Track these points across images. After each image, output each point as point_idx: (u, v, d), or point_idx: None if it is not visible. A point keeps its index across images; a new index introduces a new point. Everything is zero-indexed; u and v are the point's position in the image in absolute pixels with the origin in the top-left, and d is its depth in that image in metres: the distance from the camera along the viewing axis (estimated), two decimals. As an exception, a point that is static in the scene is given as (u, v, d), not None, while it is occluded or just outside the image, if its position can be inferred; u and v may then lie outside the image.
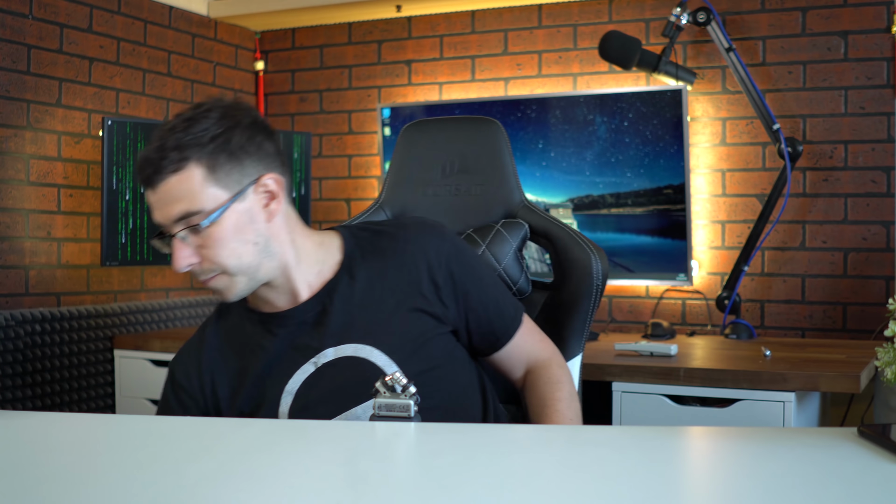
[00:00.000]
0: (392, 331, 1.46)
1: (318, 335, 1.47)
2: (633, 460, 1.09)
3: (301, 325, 1.48)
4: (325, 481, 1.00)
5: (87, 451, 1.17)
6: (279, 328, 1.49)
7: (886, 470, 0.99)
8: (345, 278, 1.50)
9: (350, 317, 1.47)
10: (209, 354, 1.53)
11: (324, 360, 1.46)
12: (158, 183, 1.41)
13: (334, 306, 1.48)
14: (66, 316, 2.82)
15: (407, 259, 1.51)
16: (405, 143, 1.84)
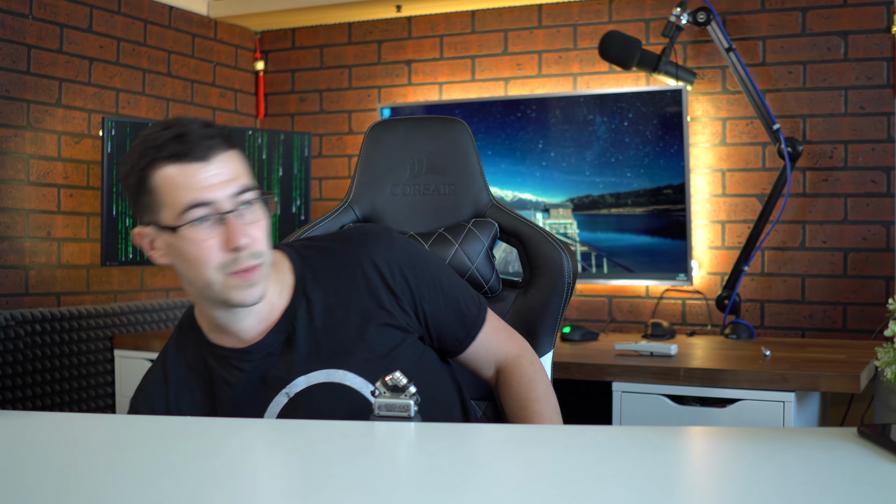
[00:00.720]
0: (361, 350, 1.44)
1: (286, 364, 1.43)
2: (633, 460, 1.09)
3: (267, 357, 1.44)
4: (325, 481, 1.00)
5: (87, 451, 1.17)
6: (245, 363, 1.44)
7: (886, 470, 0.99)
8: (303, 303, 1.46)
9: (315, 342, 1.44)
10: (175, 388, 1.48)
11: (296, 390, 1.42)
12: (215, 155, 1.36)
13: (298, 333, 1.44)
14: (66, 316, 2.82)
15: (359, 274, 1.47)
16: (371, 143, 1.86)
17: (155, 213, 1.38)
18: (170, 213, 1.36)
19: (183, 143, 1.35)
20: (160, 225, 1.38)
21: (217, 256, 1.36)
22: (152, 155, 1.36)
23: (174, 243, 1.38)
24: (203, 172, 1.35)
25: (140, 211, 1.41)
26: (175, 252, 1.39)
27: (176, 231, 1.36)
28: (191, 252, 1.36)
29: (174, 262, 1.41)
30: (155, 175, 1.36)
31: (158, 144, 1.36)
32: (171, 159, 1.35)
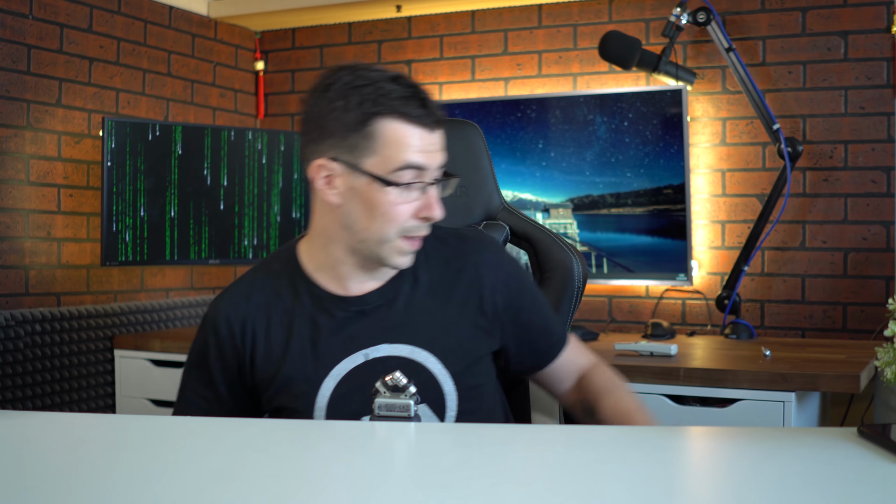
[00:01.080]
0: (452, 342, 1.47)
1: (376, 327, 1.46)
2: (633, 460, 1.09)
3: (360, 314, 1.47)
4: (325, 481, 1.00)
5: (87, 451, 1.17)
6: (338, 311, 1.47)
7: (886, 470, 0.99)
8: (410, 279, 1.49)
9: (411, 319, 1.47)
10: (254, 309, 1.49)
11: (375, 354, 1.45)
12: (437, 127, 1.41)
13: (397, 304, 1.48)
14: (66, 316, 2.82)
15: (469, 274, 1.51)
16: None
17: (361, 156, 1.39)
18: (381, 163, 1.38)
19: (424, 106, 1.39)
20: (361, 169, 1.38)
21: (405, 220, 1.40)
22: (387, 104, 1.37)
23: (367, 192, 1.39)
24: (428, 139, 1.39)
25: (334, 146, 1.40)
26: (360, 198, 1.40)
27: (385, 185, 1.37)
28: (383, 206, 1.39)
29: (349, 206, 1.41)
30: (382, 123, 1.37)
31: (397, 97, 1.38)
32: (405, 117, 1.38)
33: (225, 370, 1.50)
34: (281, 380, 1.46)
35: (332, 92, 1.40)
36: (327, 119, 1.40)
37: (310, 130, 1.43)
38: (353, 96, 1.38)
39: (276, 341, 1.47)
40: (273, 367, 1.46)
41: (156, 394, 2.89)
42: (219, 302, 1.52)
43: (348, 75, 1.40)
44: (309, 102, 1.44)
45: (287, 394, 1.45)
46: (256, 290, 1.51)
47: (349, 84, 1.39)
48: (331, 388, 1.44)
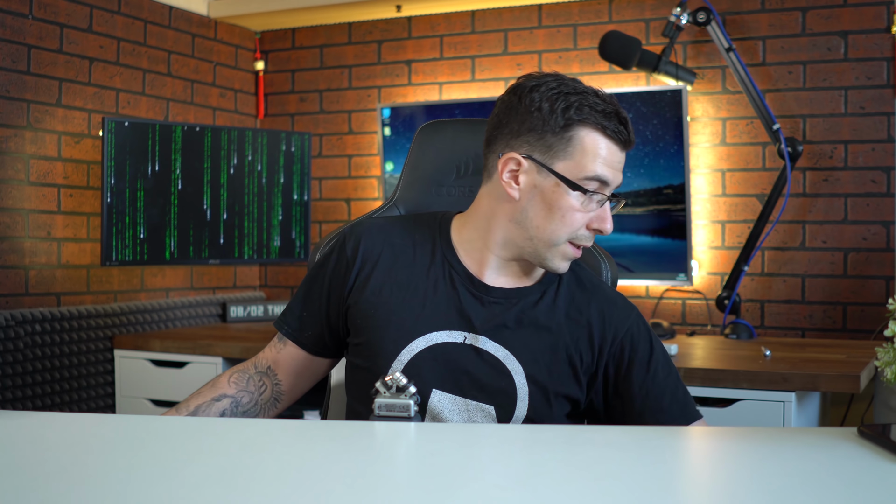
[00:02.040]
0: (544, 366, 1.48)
1: (487, 321, 1.49)
2: (633, 460, 1.09)
3: (480, 300, 1.50)
4: (325, 481, 1.00)
5: (87, 451, 1.17)
6: (463, 286, 1.51)
7: (886, 470, 0.99)
8: (536, 294, 1.52)
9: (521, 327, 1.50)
10: (386, 247, 1.54)
11: (473, 342, 1.48)
12: (627, 150, 1.48)
13: (515, 309, 1.50)
14: (66, 316, 2.82)
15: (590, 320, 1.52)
16: (421, 143, 1.84)
17: (555, 157, 1.44)
18: (573, 168, 1.43)
19: (625, 127, 1.45)
20: (552, 169, 1.43)
21: (579, 227, 1.46)
22: (591, 115, 1.43)
23: (552, 193, 1.44)
24: (617, 158, 1.47)
25: (530, 143, 1.45)
26: (542, 198, 1.45)
27: (573, 189, 1.43)
28: (563, 209, 1.44)
29: (528, 203, 1.46)
30: (583, 131, 1.43)
31: (602, 111, 1.43)
32: (607, 132, 1.44)
33: (333, 287, 1.55)
34: (380, 317, 1.50)
35: (538, 93, 1.45)
36: (530, 117, 1.45)
37: (507, 123, 1.48)
38: (559, 101, 1.43)
39: (393, 281, 1.52)
40: (378, 302, 1.50)
41: (156, 394, 2.89)
42: (357, 226, 1.58)
43: (555, 81, 1.46)
44: (510, 99, 1.49)
45: (378, 333, 1.49)
46: (397, 231, 1.57)
47: (556, 90, 1.45)
48: (419, 347, 1.47)
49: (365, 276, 1.52)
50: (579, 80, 1.48)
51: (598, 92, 1.46)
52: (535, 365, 1.48)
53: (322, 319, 1.57)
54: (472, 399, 1.46)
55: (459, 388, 1.46)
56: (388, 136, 3.20)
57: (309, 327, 1.58)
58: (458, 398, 1.46)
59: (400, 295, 1.50)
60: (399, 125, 3.18)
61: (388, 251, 1.54)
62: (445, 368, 1.46)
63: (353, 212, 3.47)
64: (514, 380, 1.47)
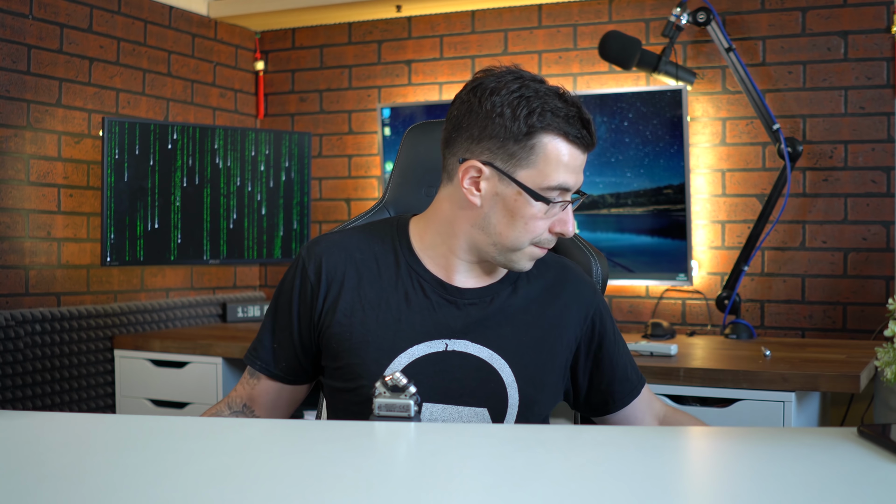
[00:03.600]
0: (529, 359, 1.49)
1: (464, 323, 1.48)
2: (633, 460, 1.09)
3: (453, 304, 1.49)
4: (325, 481, 1.00)
5: (87, 451, 1.17)
6: (434, 293, 1.49)
7: (886, 470, 0.99)
8: (509, 289, 1.52)
9: (499, 325, 1.49)
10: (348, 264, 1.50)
11: (455, 348, 1.47)
12: (590, 149, 1.44)
13: (490, 308, 1.50)
14: (66, 316, 2.82)
15: (564, 302, 1.54)
16: (410, 144, 1.84)
17: (517, 166, 1.40)
18: (535, 177, 1.40)
19: (587, 131, 1.41)
20: (514, 178, 1.40)
21: (541, 232, 1.43)
22: (554, 122, 1.39)
23: (514, 201, 1.41)
24: (579, 162, 1.43)
25: (491, 150, 1.41)
26: (504, 206, 1.42)
27: (536, 199, 1.40)
28: (525, 218, 1.41)
29: (490, 209, 1.43)
30: (547, 140, 1.39)
31: (564, 116, 1.39)
32: (570, 138, 1.40)
33: (301, 314, 1.51)
34: (357, 339, 1.47)
35: (499, 97, 1.40)
36: (490, 123, 1.41)
37: (467, 127, 1.43)
38: (521, 107, 1.39)
39: (363, 300, 1.48)
40: (352, 324, 1.47)
41: (156, 394, 2.89)
42: (314, 245, 1.53)
43: (515, 83, 1.41)
44: (469, 99, 1.44)
45: (358, 355, 1.46)
46: (356, 245, 1.53)
47: (518, 93, 1.40)
48: (403, 364, 1.45)
49: (333, 298, 1.48)
50: (540, 79, 1.43)
51: (560, 93, 1.42)
52: (521, 358, 1.48)
53: (295, 348, 1.53)
54: (465, 405, 1.45)
55: (450, 396, 1.45)
56: (388, 136, 3.20)
57: (282, 359, 1.54)
58: (451, 407, 1.45)
59: (373, 314, 1.47)
60: (399, 125, 3.18)
61: (352, 268, 1.50)
62: (433, 380, 1.44)
63: (354, 212, 3.47)
64: (502, 377, 1.46)
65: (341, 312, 1.48)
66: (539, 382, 1.49)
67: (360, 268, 1.50)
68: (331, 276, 1.49)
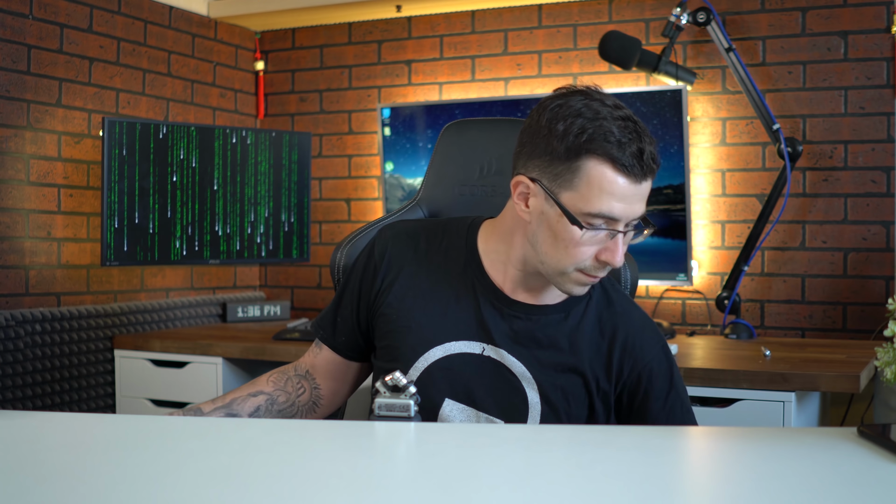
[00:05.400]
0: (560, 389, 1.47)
1: (505, 334, 1.48)
2: (633, 460, 1.09)
3: (500, 312, 1.48)
4: (325, 481, 1.00)
5: (87, 451, 1.17)
6: (485, 297, 1.49)
7: (886, 470, 0.99)
8: (561, 314, 1.50)
9: (540, 347, 1.48)
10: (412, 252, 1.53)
11: (491, 354, 1.47)
12: (646, 179, 1.37)
13: (536, 326, 1.48)
14: (66, 316, 2.82)
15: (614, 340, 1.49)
16: (445, 143, 1.83)
17: (560, 186, 1.37)
18: (577, 201, 1.36)
19: (638, 160, 1.35)
20: (557, 200, 1.37)
21: (584, 259, 1.39)
22: (603, 147, 1.34)
23: (557, 223, 1.38)
24: (630, 192, 1.36)
25: (539, 167, 1.40)
26: (548, 225, 1.40)
27: (572, 222, 1.36)
28: (566, 241, 1.38)
29: (538, 227, 1.42)
30: (592, 162, 1.35)
31: (616, 142, 1.34)
32: (615, 163, 1.34)
33: (363, 291, 1.55)
34: (401, 323, 1.50)
35: (557, 115, 1.39)
36: (542, 139, 1.39)
37: (527, 142, 1.43)
38: (573, 126, 1.36)
39: (416, 288, 1.51)
40: (400, 308, 1.50)
41: (156, 394, 2.89)
42: (388, 229, 1.58)
43: (580, 102, 1.38)
44: (533, 115, 1.44)
45: (398, 338, 1.50)
46: (423, 237, 1.55)
47: (574, 112, 1.37)
48: (436, 356, 1.47)
49: (391, 281, 1.52)
50: (610, 101, 1.38)
51: (624, 116, 1.37)
52: (551, 385, 1.46)
53: (354, 324, 1.57)
54: (484, 411, 1.46)
55: (472, 399, 1.46)
56: (388, 136, 3.20)
57: (342, 332, 1.58)
58: (470, 409, 1.46)
59: (422, 302, 1.50)
60: (399, 125, 3.18)
61: (415, 256, 1.53)
62: (460, 379, 1.46)
63: (353, 212, 3.47)
64: (528, 396, 1.46)
65: (394, 295, 1.51)
66: (562, 412, 1.47)
67: (424, 257, 1.53)
68: (394, 260, 1.53)
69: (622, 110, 1.38)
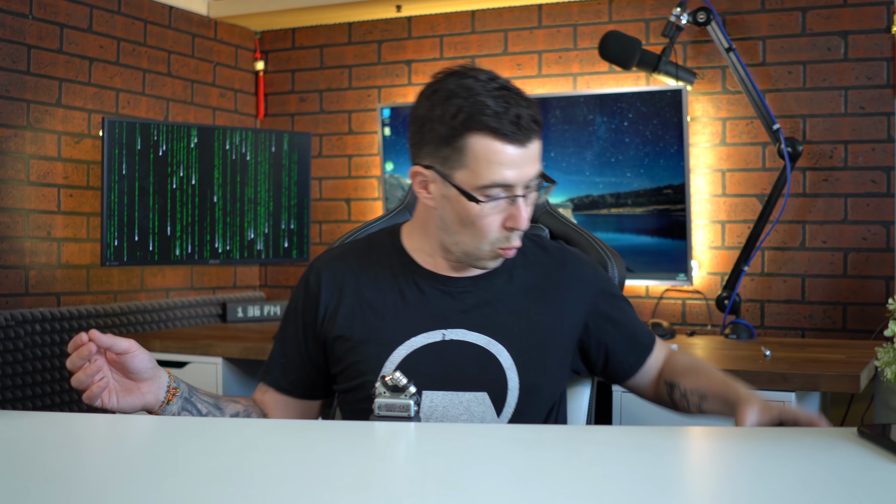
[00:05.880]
0: (531, 345, 1.50)
1: (459, 313, 1.50)
2: (633, 460, 1.09)
3: (448, 294, 1.52)
4: (325, 481, 1.00)
5: (87, 451, 1.17)
6: (428, 286, 1.52)
7: (886, 470, 0.99)
8: (505, 275, 1.54)
9: (496, 312, 1.51)
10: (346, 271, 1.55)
11: (452, 336, 1.49)
12: (531, 141, 1.41)
13: (486, 295, 1.52)
14: (66, 316, 2.82)
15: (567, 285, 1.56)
16: None
17: (451, 168, 1.41)
18: (470, 178, 1.40)
19: (515, 125, 1.38)
20: (451, 181, 1.41)
21: (494, 231, 1.43)
22: (479, 120, 1.38)
23: (457, 203, 1.42)
24: (518, 157, 1.40)
25: (430, 154, 1.43)
26: (451, 208, 1.44)
27: (467, 198, 1.40)
28: (471, 220, 1.42)
29: (442, 212, 1.46)
30: (473, 139, 1.39)
31: (491, 113, 1.38)
32: (496, 134, 1.38)
33: (307, 324, 1.55)
34: (357, 338, 1.51)
35: (434, 100, 1.42)
36: (426, 126, 1.43)
37: (412, 134, 1.48)
38: (449, 109, 1.40)
39: (362, 303, 1.52)
40: (352, 326, 1.51)
41: (156, 394, 2.88)
42: (316, 260, 1.60)
43: (453, 82, 1.42)
44: (416, 104, 1.47)
45: (359, 353, 1.50)
46: (352, 254, 1.58)
47: (451, 93, 1.40)
48: (402, 356, 1.48)
49: (334, 306, 1.53)
50: (483, 76, 1.41)
51: (498, 86, 1.40)
52: (519, 342, 1.50)
53: (303, 360, 1.56)
54: (465, 390, 1.47)
55: (450, 383, 1.47)
56: (388, 136, 3.20)
57: (291, 371, 1.57)
58: (451, 393, 1.47)
59: (371, 313, 1.51)
60: (399, 125, 3.18)
61: (350, 276, 1.55)
62: (432, 369, 1.47)
63: (354, 212, 3.47)
64: (501, 362, 1.48)
65: (342, 316, 1.52)
66: (540, 366, 1.50)
67: (359, 274, 1.55)
68: (331, 284, 1.54)
69: (496, 82, 1.41)
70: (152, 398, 1.41)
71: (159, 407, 1.42)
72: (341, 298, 1.53)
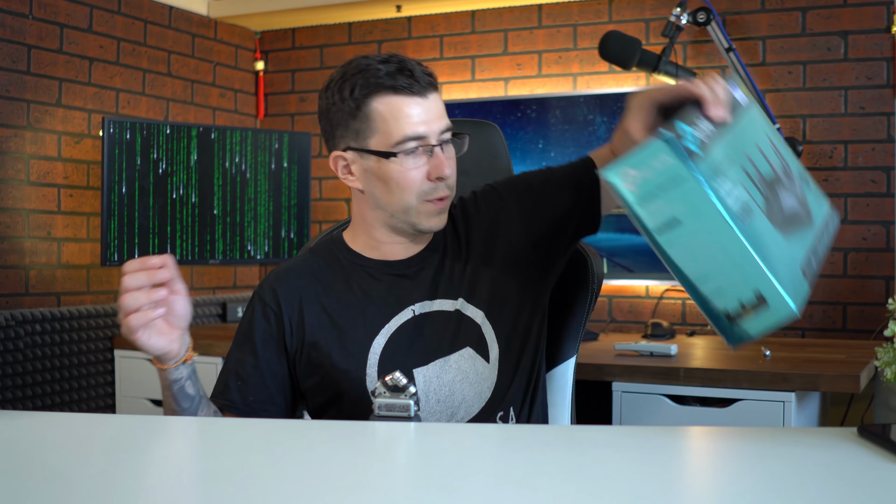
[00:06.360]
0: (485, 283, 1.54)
1: (421, 288, 1.53)
2: (633, 460, 1.09)
3: (404, 276, 1.54)
4: (325, 481, 1.00)
5: (87, 451, 1.17)
6: (384, 275, 1.54)
7: (886, 470, 0.99)
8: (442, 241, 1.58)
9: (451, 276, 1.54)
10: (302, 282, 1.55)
11: (422, 310, 1.52)
12: (429, 93, 1.47)
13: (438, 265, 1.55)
14: (66, 316, 2.82)
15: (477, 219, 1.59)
16: None
17: (364, 139, 1.46)
18: (383, 140, 1.45)
19: (409, 77, 1.44)
20: (368, 150, 1.46)
21: (419, 184, 1.46)
22: (375, 83, 1.44)
23: (379, 169, 1.46)
24: (421, 108, 1.45)
25: (343, 136, 1.49)
26: (376, 177, 1.48)
27: (389, 158, 1.45)
28: (396, 178, 1.46)
29: (370, 187, 1.49)
30: (375, 103, 1.45)
31: (384, 74, 1.44)
32: (395, 90, 1.44)
33: (268, 338, 1.55)
34: (330, 342, 1.51)
35: (330, 88, 1.49)
36: (331, 114, 1.49)
37: (323, 129, 1.53)
38: (345, 87, 1.46)
39: (326, 308, 1.53)
40: (319, 331, 1.52)
41: (156, 394, 2.88)
42: (264, 281, 1.60)
43: (342, 69, 1.49)
44: (319, 104, 1.53)
45: (334, 356, 1.51)
46: (303, 266, 1.58)
47: (340, 78, 1.48)
48: (381, 344, 1.50)
49: (298, 315, 1.53)
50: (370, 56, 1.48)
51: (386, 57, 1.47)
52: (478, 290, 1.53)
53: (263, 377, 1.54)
54: (450, 353, 1.50)
55: (434, 352, 1.50)
56: (388, 136, 3.20)
57: (250, 393, 1.55)
58: (438, 361, 1.49)
59: (337, 317, 1.52)
60: (399, 125, 3.18)
61: (306, 286, 1.55)
62: (412, 346, 1.50)
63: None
64: (470, 316, 1.52)
65: (309, 324, 1.53)
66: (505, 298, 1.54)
67: (314, 283, 1.55)
68: (289, 297, 1.54)
69: (383, 55, 1.48)
70: (176, 347, 1.48)
71: (175, 362, 1.45)
72: (301, 307, 1.53)
